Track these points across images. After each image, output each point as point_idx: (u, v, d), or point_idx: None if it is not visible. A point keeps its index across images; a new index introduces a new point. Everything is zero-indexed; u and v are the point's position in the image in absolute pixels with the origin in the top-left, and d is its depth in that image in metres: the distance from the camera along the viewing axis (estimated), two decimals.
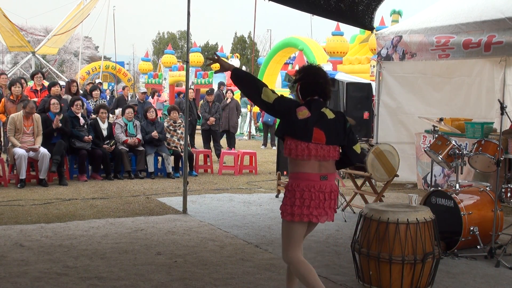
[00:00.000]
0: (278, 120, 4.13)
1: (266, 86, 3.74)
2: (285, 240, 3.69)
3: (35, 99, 10.20)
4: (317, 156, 3.62)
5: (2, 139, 10.69)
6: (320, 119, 3.65)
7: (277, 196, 8.50)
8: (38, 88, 10.81)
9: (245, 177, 10.73)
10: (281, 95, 3.77)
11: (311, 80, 3.75)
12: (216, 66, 4.01)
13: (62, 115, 9.45)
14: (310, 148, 3.60)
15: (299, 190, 3.61)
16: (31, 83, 11.78)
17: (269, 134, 16.77)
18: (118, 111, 13.09)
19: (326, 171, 3.66)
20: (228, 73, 3.97)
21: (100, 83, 18.47)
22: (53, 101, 9.48)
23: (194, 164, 10.80)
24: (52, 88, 10.27)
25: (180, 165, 10.47)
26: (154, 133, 10.36)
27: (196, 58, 28.75)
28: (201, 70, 27.82)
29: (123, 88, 18.74)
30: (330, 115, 3.70)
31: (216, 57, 3.99)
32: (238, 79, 3.83)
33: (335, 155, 3.69)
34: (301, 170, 3.64)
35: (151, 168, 10.27)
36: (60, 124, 9.30)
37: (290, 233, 3.67)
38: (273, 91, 3.72)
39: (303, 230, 3.71)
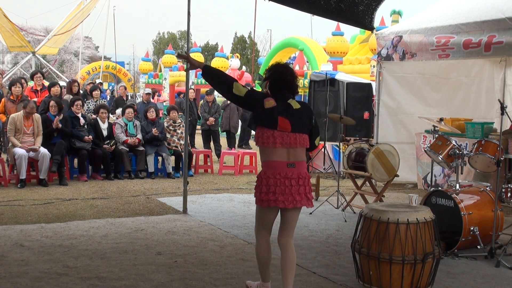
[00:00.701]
0: None
1: (236, 81, 3.97)
2: (256, 221, 4.08)
3: (35, 99, 10.21)
4: (283, 143, 3.85)
5: (2, 139, 10.69)
6: (286, 109, 3.90)
7: None
8: (38, 88, 10.82)
9: (245, 177, 10.73)
10: (251, 88, 4.03)
11: (279, 77, 3.99)
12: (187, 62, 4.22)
13: (62, 115, 9.45)
14: (275, 136, 3.84)
15: (265, 178, 3.86)
16: (31, 83, 11.78)
17: None
18: (119, 111, 13.09)
19: (294, 159, 3.89)
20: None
21: (101, 83, 18.46)
22: (52, 103, 9.47)
23: (193, 164, 10.80)
24: (52, 88, 10.29)
25: (181, 165, 10.47)
26: (155, 130, 10.35)
27: (197, 58, 28.45)
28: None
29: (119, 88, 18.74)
30: (296, 105, 3.95)
31: (186, 55, 4.20)
32: (209, 76, 4.03)
33: (303, 143, 3.92)
34: (269, 158, 3.88)
35: (151, 168, 10.27)
36: (60, 125, 9.31)
37: (259, 216, 4.03)
38: (243, 86, 3.94)
39: (273, 216, 4.01)
